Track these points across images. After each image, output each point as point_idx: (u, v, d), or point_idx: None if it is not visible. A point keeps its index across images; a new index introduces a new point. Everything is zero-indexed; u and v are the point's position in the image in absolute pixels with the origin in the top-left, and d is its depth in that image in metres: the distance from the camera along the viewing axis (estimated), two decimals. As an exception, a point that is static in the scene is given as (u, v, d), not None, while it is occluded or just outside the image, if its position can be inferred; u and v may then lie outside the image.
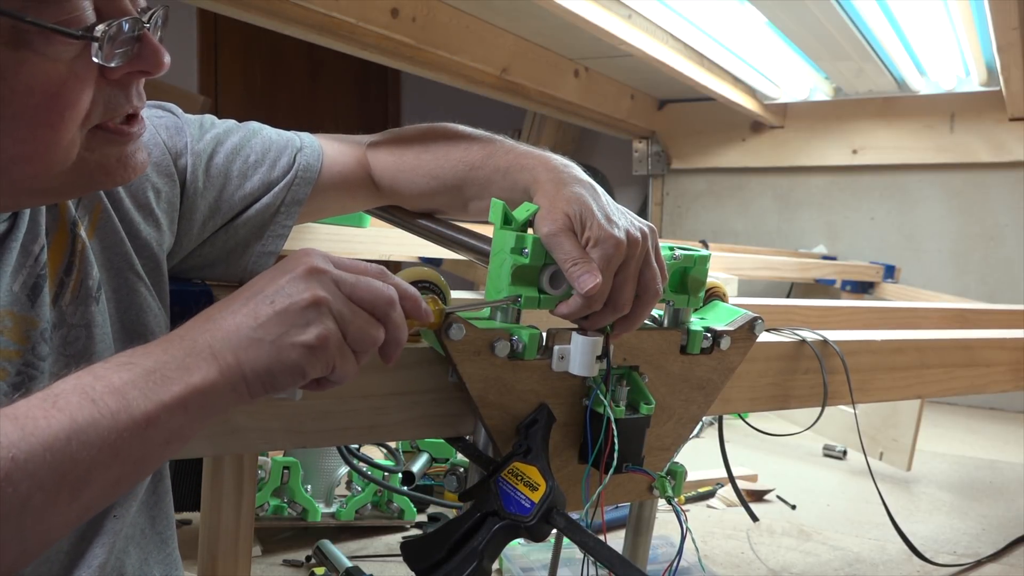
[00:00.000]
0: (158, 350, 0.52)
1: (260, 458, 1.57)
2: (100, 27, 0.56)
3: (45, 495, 0.45)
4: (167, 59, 0.62)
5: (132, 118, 0.64)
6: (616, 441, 0.73)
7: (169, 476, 0.85)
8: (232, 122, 0.87)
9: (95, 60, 0.57)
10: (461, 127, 0.90)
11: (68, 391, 0.48)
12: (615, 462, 0.73)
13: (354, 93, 4.97)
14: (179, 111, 0.82)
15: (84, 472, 0.47)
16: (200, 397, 0.51)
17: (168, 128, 0.79)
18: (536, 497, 0.66)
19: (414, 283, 0.69)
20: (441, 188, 0.86)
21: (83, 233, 0.70)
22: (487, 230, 0.80)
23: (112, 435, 0.48)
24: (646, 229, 0.74)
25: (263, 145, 0.85)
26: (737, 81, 3.38)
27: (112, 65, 0.58)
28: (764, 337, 1.05)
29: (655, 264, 0.74)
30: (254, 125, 0.88)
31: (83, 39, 0.56)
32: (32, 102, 0.56)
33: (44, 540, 0.48)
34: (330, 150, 0.90)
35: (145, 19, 0.60)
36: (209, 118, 0.85)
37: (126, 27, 0.58)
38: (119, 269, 0.73)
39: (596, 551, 0.64)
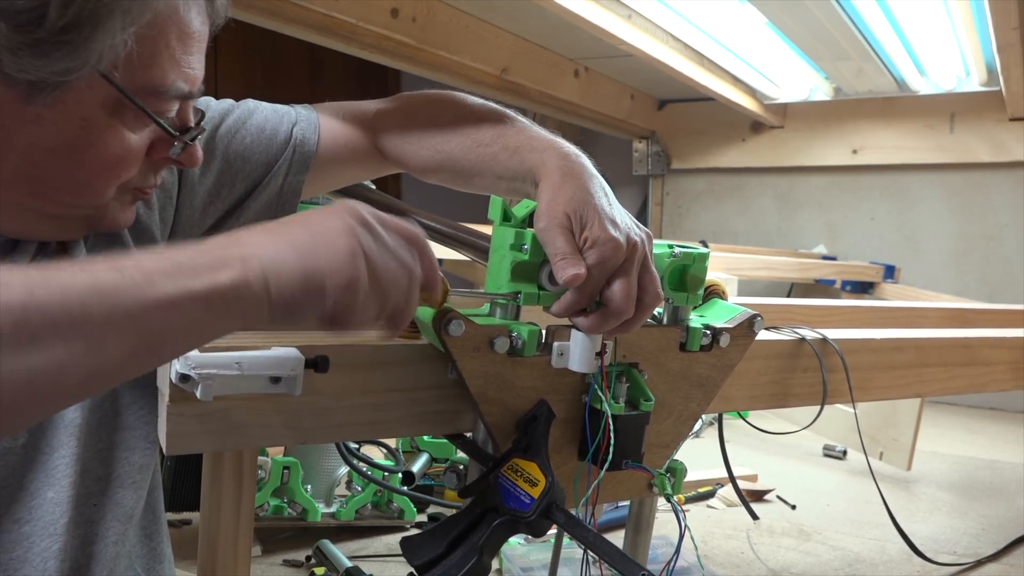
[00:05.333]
0: (190, 250, 0.52)
1: (260, 458, 1.57)
2: (189, 133, 0.70)
3: (56, 337, 0.46)
4: (200, 159, 0.74)
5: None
6: (613, 437, 0.73)
7: (159, 470, 0.85)
8: (228, 102, 0.87)
9: (171, 156, 0.70)
10: (471, 99, 0.89)
11: (98, 261, 0.50)
12: (610, 457, 0.73)
13: (354, 93, 4.95)
14: None
15: (98, 330, 0.47)
16: (222, 297, 0.51)
17: None
18: (536, 493, 0.66)
19: None
20: (446, 162, 0.85)
21: None
22: (489, 229, 0.80)
23: (130, 302, 0.48)
24: (644, 235, 0.73)
25: (258, 125, 0.86)
26: (737, 81, 3.38)
27: (174, 156, 0.71)
28: (763, 335, 1.05)
29: (653, 269, 0.73)
30: (250, 104, 0.89)
31: (177, 138, 0.69)
32: (102, 158, 0.65)
33: (54, 386, 0.47)
34: (331, 122, 0.90)
35: (197, 131, 0.72)
36: (204, 100, 0.85)
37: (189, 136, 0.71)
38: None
39: (596, 546, 0.64)
